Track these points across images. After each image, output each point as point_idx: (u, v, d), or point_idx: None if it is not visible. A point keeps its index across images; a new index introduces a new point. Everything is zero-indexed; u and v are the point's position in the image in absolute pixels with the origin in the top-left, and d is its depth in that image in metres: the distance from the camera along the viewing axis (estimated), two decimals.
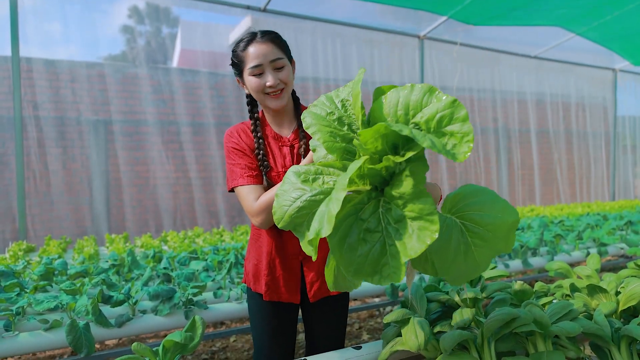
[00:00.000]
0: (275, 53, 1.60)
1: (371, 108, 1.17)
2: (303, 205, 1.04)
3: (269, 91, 1.60)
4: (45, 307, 1.81)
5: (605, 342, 1.56)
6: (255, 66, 1.58)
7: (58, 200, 5.75)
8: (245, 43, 1.60)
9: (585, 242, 4.03)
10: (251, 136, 1.70)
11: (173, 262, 2.80)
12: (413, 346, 1.53)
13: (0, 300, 1.94)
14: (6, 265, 2.71)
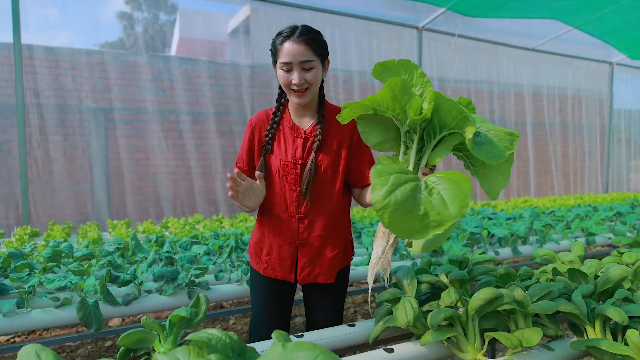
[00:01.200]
0: (307, 55, 1.67)
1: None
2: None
3: (294, 88, 1.70)
4: (56, 285, 1.92)
5: (581, 320, 1.68)
6: (285, 63, 1.67)
7: (60, 186, 5.84)
8: (283, 37, 1.67)
9: (574, 232, 4.15)
10: (266, 125, 1.84)
11: (175, 247, 2.91)
12: (403, 323, 1.65)
13: (12, 280, 2.05)
14: (15, 247, 2.81)
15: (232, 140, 6.82)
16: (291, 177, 1.83)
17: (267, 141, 1.83)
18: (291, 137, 1.83)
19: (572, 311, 1.64)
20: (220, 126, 6.74)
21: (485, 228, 3.74)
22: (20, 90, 5.11)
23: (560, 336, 1.75)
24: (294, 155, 1.81)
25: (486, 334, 1.59)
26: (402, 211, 1.21)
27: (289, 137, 1.83)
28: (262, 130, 1.85)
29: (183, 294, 2.15)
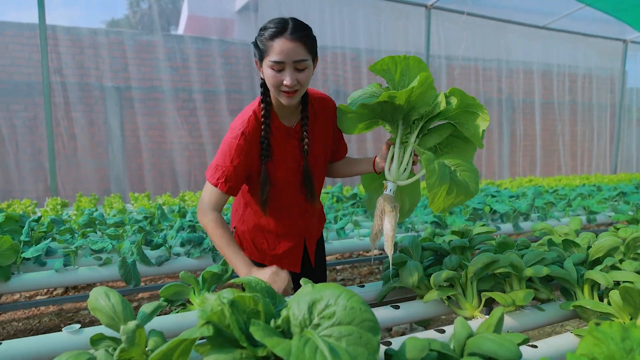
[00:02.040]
0: (301, 54, 1.53)
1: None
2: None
3: (284, 89, 1.56)
4: (99, 246, 2.14)
5: (571, 285, 1.86)
6: (277, 62, 1.51)
7: (83, 161, 6.10)
8: (272, 33, 1.50)
9: (575, 210, 4.31)
10: (258, 131, 1.68)
11: (196, 217, 3.13)
12: (409, 283, 1.85)
13: (59, 241, 2.28)
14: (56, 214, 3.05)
15: None
16: (297, 181, 1.82)
17: (265, 148, 1.69)
18: (284, 139, 1.74)
19: (563, 276, 1.83)
20: (231, 104, 6.90)
21: (488, 204, 3.91)
22: (46, 69, 5.31)
23: (551, 300, 1.94)
24: (294, 158, 1.77)
25: (483, 294, 1.78)
26: (447, 192, 1.58)
27: (282, 139, 1.74)
28: (256, 138, 1.68)
29: (208, 258, 2.36)
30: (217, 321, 0.94)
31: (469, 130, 1.71)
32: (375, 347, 0.91)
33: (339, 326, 0.92)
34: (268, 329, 0.92)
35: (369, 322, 0.95)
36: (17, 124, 5.76)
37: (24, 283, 2.01)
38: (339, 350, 0.86)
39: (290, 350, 0.83)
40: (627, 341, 0.99)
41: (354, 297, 0.97)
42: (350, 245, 2.90)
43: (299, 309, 0.98)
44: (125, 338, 1.17)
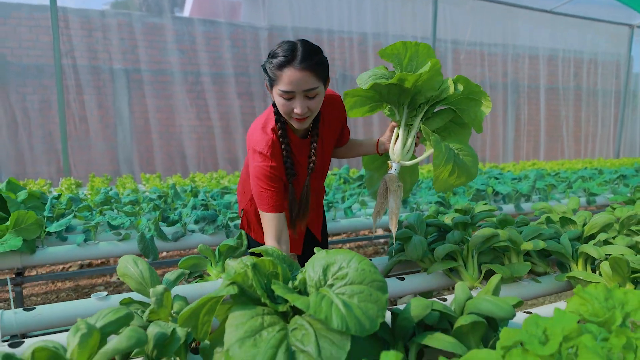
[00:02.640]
0: (311, 83, 1.50)
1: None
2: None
3: (294, 116, 1.56)
4: (118, 222, 2.25)
5: (567, 258, 1.96)
6: (286, 92, 1.49)
7: (94, 143, 6.22)
8: (281, 62, 1.48)
9: (576, 192, 4.39)
10: (278, 149, 1.68)
11: (208, 196, 3.24)
12: (414, 256, 1.95)
13: (79, 218, 2.39)
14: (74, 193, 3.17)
15: (250, 102, 7.06)
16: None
17: (289, 167, 1.71)
18: (300, 150, 1.77)
19: (559, 250, 1.93)
20: (239, 87, 6.97)
21: (491, 186, 4.00)
22: (58, 51, 5.39)
23: (548, 273, 2.04)
24: (308, 166, 1.81)
25: (483, 266, 1.88)
26: (450, 172, 1.68)
27: (298, 151, 1.77)
28: (278, 156, 1.68)
29: (221, 234, 2.47)
30: (241, 281, 1.05)
31: (470, 116, 1.81)
32: (384, 304, 1.01)
33: (351, 285, 1.03)
34: (287, 288, 1.03)
35: (378, 282, 1.05)
36: (28, 107, 5.86)
37: (48, 256, 2.13)
38: (351, 305, 0.97)
39: (309, 303, 0.94)
40: (610, 300, 1.09)
41: (364, 261, 1.08)
42: (357, 224, 3.01)
43: (314, 272, 1.09)
44: (154, 300, 1.29)
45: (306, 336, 0.92)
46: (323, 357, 0.88)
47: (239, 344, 0.90)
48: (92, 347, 0.87)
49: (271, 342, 0.90)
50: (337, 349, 0.90)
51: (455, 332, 1.13)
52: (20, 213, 2.06)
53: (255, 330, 0.94)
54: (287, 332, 0.95)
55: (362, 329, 0.92)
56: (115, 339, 0.89)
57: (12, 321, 1.48)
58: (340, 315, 0.91)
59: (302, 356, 0.89)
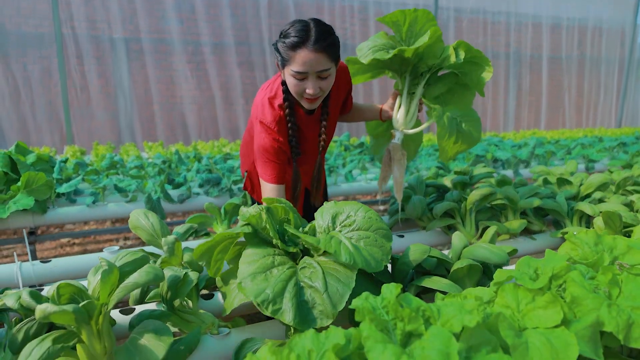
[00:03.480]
0: (324, 64, 1.49)
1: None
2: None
3: (306, 96, 1.56)
4: (125, 184, 2.31)
5: (562, 216, 2.02)
6: (299, 72, 1.49)
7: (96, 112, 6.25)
8: (295, 43, 1.46)
9: (575, 158, 4.43)
10: (285, 126, 1.69)
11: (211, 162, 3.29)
12: (413, 215, 2.01)
13: (87, 181, 2.45)
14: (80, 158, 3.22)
15: (250, 71, 7.03)
16: (313, 156, 1.89)
17: (295, 146, 1.72)
18: (307, 125, 1.77)
19: (554, 208, 1.99)
20: (239, 57, 6.93)
21: (490, 152, 4.04)
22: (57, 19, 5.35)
23: (543, 231, 2.11)
24: (314, 137, 1.82)
25: (481, 223, 1.95)
26: (454, 142, 1.79)
27: (305, 127, 1.77)
28: (284, 132, 1.70)
29: (226, 196, 2.53)
30: (255, 223, 1.11)
31: (473, 80, 1.83)
32: (388, 250, 1.08)
33: (358, 231, 1.10)
34: (299, 230, 1.10)
35: (383, 230, 1.13)
36: (30, 76, 5.86)
37: (59, 216, 2.20)
38: (359, 246, 1.04)
39: (320, 240, 1.01)
40: (599, 245, 1.16)
41: (370, 211, 1.15)
42: (358, 188, 3.07)
43: (323, 220, 1.15)
44: (166, 248, 1.35)
45: (314, 273, 0.98)
46: (330, 292, 0.94)
47: (251, 278, 0.96)
48: (112, 283, 0.94)
49: (281, 277, 0.96)
50: (343, 286, 0.96)
51: (452, 276, 1.20)
52: (31, 174, 2.11)
53: (267, 267, 1.00)
54: (296, 270, 1.01)
55: (368, 265, 0.99)
56: (135, 274, 0.96)
57: (30, 272, 1.55)
58: (348, 251, 0.97)
59: (310, 291, 0.96)
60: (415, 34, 1.74)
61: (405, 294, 0.83)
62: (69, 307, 0.84)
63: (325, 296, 0.94)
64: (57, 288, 0.96)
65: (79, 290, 0.98)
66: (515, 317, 0.87)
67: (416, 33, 1.74)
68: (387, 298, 0.84)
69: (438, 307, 0.80)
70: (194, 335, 1.06)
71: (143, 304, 1.32)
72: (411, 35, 1.75)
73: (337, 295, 0.94)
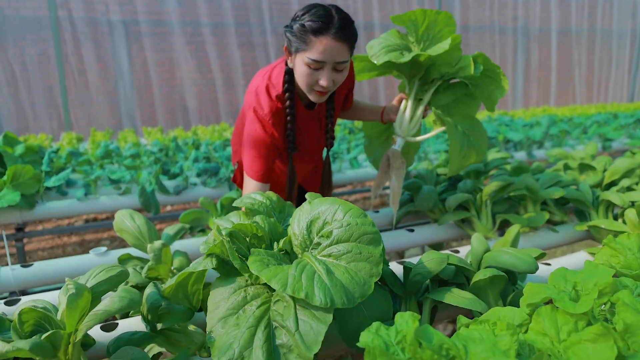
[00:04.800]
0: (344, 54, 1.38)
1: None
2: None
3: (317, 88, 1.43)
4: (118, 175, 2.18)
5: (587, 206, 1.87)
6: (317, 61, 1.36)
7: (94, 97, 6.10)
8: (317, 28, 1.33)
9: (590, 138, 4.26)
10: (282, 119, 1.56)
11: (210, 149, 3.15)
12: (423, 207, 1.87)
13: (79, 172, 2.32)
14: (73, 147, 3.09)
15: (251, 52, 6.83)
16: (314, 156, 1.81)
17: (291, 141, 1.59)
18: (307, 122, 1.65)
19: (579, 197, 1.83)
20: (239, 38, 6.72)
21: (502, 133, 3.87)
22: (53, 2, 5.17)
23: (565, 222, 1.96)
24: (315, 137, 1.72)
25: (497, 216, 1.80)
26: (463, 156, 1.71)
27: (305, 123, 1.65)
28: (281, 125, 1.57)
29: (224, 187, 2.40)
30: (220, 252, 0.95)
31: (483, 94, 1.71)
32: (378, 259, 0.89)
33: (337, 244, 0.90)
34: (267, 257, 0.90)
35: (367, 235, 0.91)
36: (27, 61, 5.70)
37: (48, 211, 2.07)
38: (337, 270, 0.85)
39: (287, 281, 0.81)
40: None
41: (350, 211, 0.93)
42: (363, 174, 2.92)
43: (299, 228, 0.96)
44: (152, 255, 1.22)
45: (287, 309, 0.83)
46: (302, 332, 0.79)
47: (222, 324, 0.83)
48: (82, 308, 0.81)
49: (249, 321, 0.82)
50: (317, 322, 0.79)
51: (473, 287, 1.06)
52: (17, 167, 1.98)
53: (238, 305, 0.86)
54: (270, 304, 0.86)
55: (350, 299, 0.80)
56: (107, 300, 0.82)
57: (9, 278, 1.43)
58: (323, 288, 0.79)
59: (283, 332, 0.81)
60: (432, 37, 1.59)
61: (424, 327, 0.69)
62: (25, 345, 0.71)
63: (297, 336, 0.78)
64: (20, 314, 0.83)
65: (45, 315, 0.85)
66: (555, 349, 0.73)
67: (433, 36, 1.59)
68: (403, 331, 0.70)
69: (464, 342, 0.67)
70: (181, 359, 0.93)
71: (129, 317, 1.19)
72: (427, 37, 1.60)
73: (310, 335, 0.78)
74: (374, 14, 7.40)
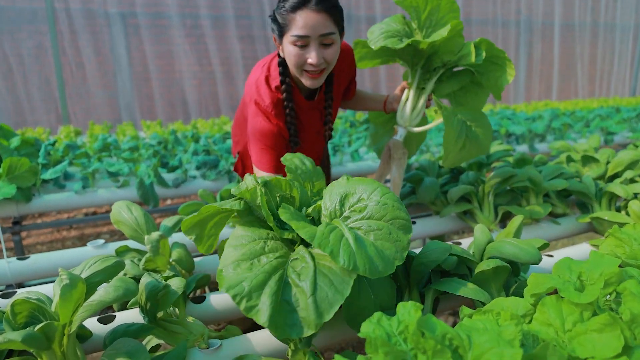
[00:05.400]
0: (328, 26, 1.34)
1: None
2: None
3: (308, 69, 1.39)
4: (116, 168, 2.16)
5: (589, 198, 1.85)
6: (301, 37, 1.33)
7: (93, 90, 6.06)
8: (295, 4, 1.31)
9: (593, 131, 4.23)
10: (283, 110, 1.52)
11: (210, 142, 3.13)
12: (425, 199, 1.85)
13: (77, 165, 2.30)
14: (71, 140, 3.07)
15: (251, 45, 6.78)
16: (316, 146, 1.77)
17: (293, 134, 1.55)
18: (307, 113, 1.61)
19: (582, 189, 1.81)
20: (239, 30, 6.68)
21: (504, 126, 3.84)
22: None
23: (567, 214, 1.94)
24: (315, 129, 1.69)
25: (500, 207, 1.78)
26: (461, 148, 1.64)
27: (304, 115, 1.61)
28: (282, 116, 1.53)
29: (224, 179, 2.38)
30: (250, 198, 0.94)
31: (490, 81, 1.65)
32: (405, 246, 0.88)
33: (369, 220, 0.90)
34: (297, 214, 0.91)
35: (401, 219, 0.91)
36: (24, 54, 5.66)
37: (45, 204, 2.05)
38: (365, 241, 0.84)
39: (315, 233, 0.81)
40: None
41: (388, 194, 0.94)
42: (365, 167, 2.90)
43: (331, 200, 0.96)
44: (150, 247, 1.20)
45: (304, 270, 0.81)
46: (317, 297, 0.77)
47: (234, 266, 0.81)
48: (77, 299, 0.79)
49: (265, 267, 0.80)
50: (334, 292, 0.78)
51: (475, 277, 1.04)
52: (13, 160, 1.96)
53: (255, 254, 0.84)
54: (287, 260, 0.85)
55: (374, 270, 0.79)
56: (102, 290, 0.81)
57: (5, 270, 1.41)
58: (349, 251, 0.79)
59: (296, 291, 0.79)
60: (435, 23, 1.56)
61: (427, 317, 0.67)
62: (17, 336, 0.70)
63: (310, 301, 0.76)
64: (12, 306, 0.81)
65: (38, 307, 0.83)
66: (560, 340, 0.71)
67: (435, 22, 1.55)
68: (405, 322, 0.68)
69: (468, 332, 0.65)
70: (179, 350, 0.92)
71: (126, 309, 1.18)
72: (430, 23, 1.56)
73: (325, 303, 0.76)
74: (376, 7, 7.34)
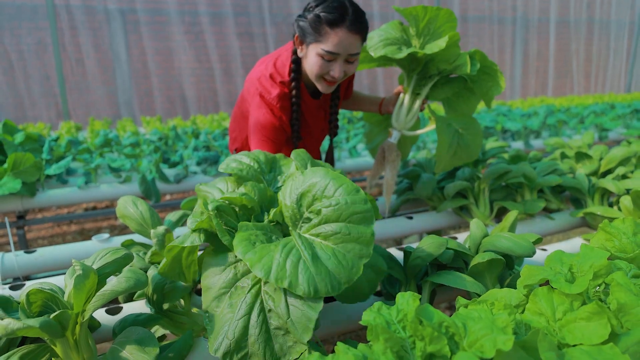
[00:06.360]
0: (357, 47, 1.40)
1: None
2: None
3: (327, 78, 1.45)
4: (118, 164, 2.18)
5: (582, 194, 1.90)
6: (332, 53, 1.38)
7: (92, 87, 6.07)
8: (332, 20, 1.34)
9: (588, 127, 4.28)
10: (288, 105, 1.55)
11: (209, 138, 3.15)
12: (422, 195, 1.89)
13: (79, 160, 2.33)
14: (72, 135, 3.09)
15: (250, 42, 6.79)
16: (318, 144, 1.80)
17: (296, 130, 1.58)
18: (313, 112, 1.64)
19: (575, 185, 1.86)
20: (238, 27, 6.68)
21: (499, 123, 3.88)
22: None
23: (561, 210, 1.98)
24: (320, 127, 1.72)
25: (495, 203, 1.82)
26: (452, 155, 1.73)
27: (310, 113, 1.64)
28: (287, 111, 1.56)
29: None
30: (208, 227, 0.94)
31: (481, 90, 1.73)
32: (369, 239, 0.84)
33: (327, 224, 0.85)
34: (256, 233, 0.87)
35: (357, 214, 0.85)
36: (24, 50, 5.66)
37: (49, 199, 2.08)
38: (324, 253, 0.82)
39: (271, 269, 0.78)
40: (639, 235, 1.03)
41: (342, 187, 0.87)
42: (363, 163, 2.94)
43: (290, 200, 0.91)
44: (156, 241, 1.23)
45: (277, 292, 0.82)
46: (293, 319, 0.79)
47: (216, 304, 0.85)
48: (89, 289, 0.82)
49: (242, 308, 0.83)
50: (308, 308, 0.79)
51: (471, 270, 1.08)
52: (18, 155, 1.99)
53: (230, 283, 0.86)
54: (260, 285, 0.85)
55: (335, 286, 0.78)
56: (114, 280, 0.84)
57: (13, 263, 1.44)
58: (307, 275, 0.77)
59: (274, 316, 0.81)
60: (432, 33, 1.61)
61: (425, 306, 0.71)
62: (35, 322, 0.73)
63: (290, 324, 0.78)
64: (27, 295, 0.85)
65: (52, 296, 0.86)
66: (551, 328, 0.75)
67: (433, 31, 1.61)
68: (404, 310, 0.72)
69: (463, 321, 0.69)
70: (185, 340, 0.95)
71: (133, 301, 1.21)
72: (428, 32, 1.62)
73: (302, 321, 0.78)
74: (373, 4, 7.36)
